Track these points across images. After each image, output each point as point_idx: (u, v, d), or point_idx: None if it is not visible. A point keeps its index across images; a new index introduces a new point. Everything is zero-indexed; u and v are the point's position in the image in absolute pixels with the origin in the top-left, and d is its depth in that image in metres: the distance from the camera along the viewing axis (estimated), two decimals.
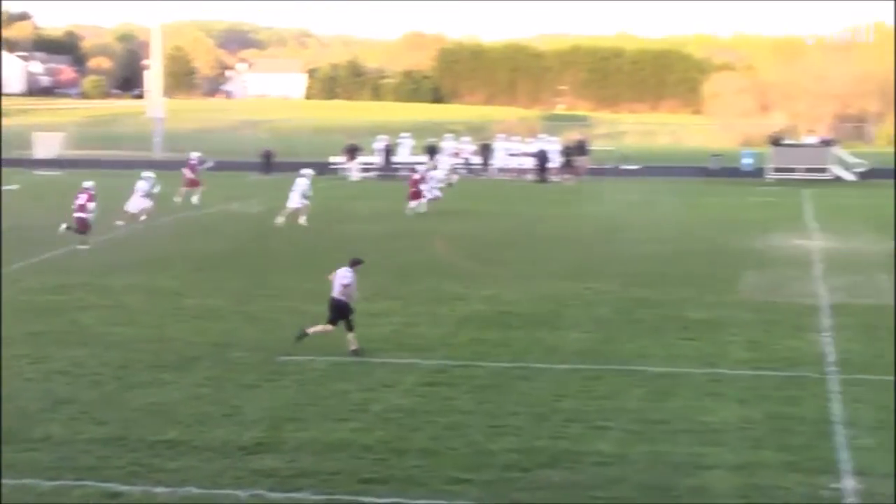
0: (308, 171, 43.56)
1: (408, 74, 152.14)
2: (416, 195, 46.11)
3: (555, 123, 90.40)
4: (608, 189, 56.70)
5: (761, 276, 31.00)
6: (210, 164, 55.20)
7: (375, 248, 35.82)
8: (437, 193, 47.06)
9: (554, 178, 62.59)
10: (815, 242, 37.83)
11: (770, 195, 54.56)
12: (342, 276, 22.06)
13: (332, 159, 67.45)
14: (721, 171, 66.30)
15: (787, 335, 23.78)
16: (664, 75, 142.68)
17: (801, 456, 16.20)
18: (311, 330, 22.32)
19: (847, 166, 63.61)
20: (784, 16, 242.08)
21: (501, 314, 26.05)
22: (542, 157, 62.86)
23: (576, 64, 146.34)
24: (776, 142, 65.70)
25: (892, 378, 20.30)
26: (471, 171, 65.65)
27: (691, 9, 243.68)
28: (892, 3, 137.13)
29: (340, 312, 22.04)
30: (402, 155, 67.03)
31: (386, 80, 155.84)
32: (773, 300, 27.64)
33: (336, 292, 22.08)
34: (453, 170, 60.70)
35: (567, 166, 63.92)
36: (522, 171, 64.51)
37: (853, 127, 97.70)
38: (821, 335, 23.78)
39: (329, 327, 22.23)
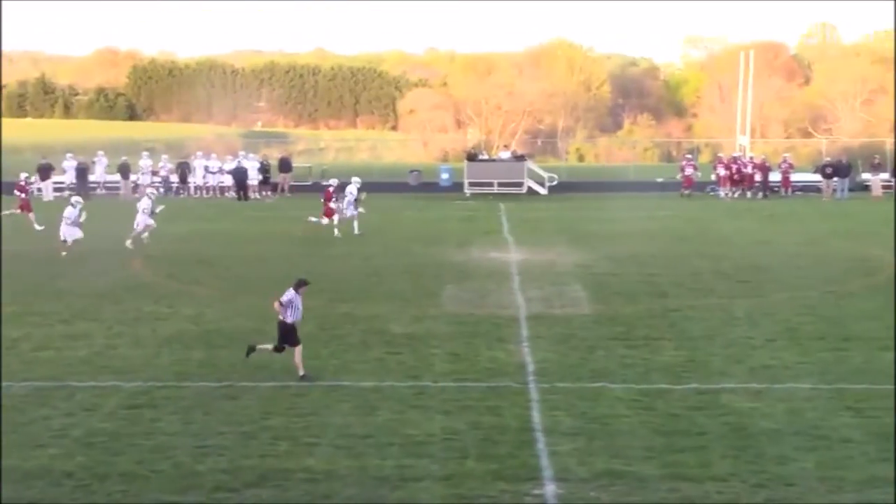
0: (151, 192, 42.78)
1: (101, 91, 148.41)
2: (330, 212, 44.95)
3: (254, 140, 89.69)
4: (309, 206, 56.68)
5: (462, 289, 31.62)
6: None
7: (72, 269, 34.88)
8: (354, 212, 45.44)
9: (255, 196, 62.24)
10: (512, 255, 38.83)
11: (468, 209, 55.67)
12: (283, 297, 21.65)
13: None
14: (420, 186, 67.32)
15: (488, 346, 24.34)
16: (361, 92, 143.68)
17: (505, 464, 16.62)
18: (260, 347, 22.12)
19: (540, 180, 65.54)
20: (475, 33, 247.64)
21: (205, 333, 25.76)
22: (241, 174, 62.41)
23: (273, 80, 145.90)
24: (472, 157, 67.08)
25: (588, 385, 21.09)
26: (169, 189, 64.62)
27: (385, 26, 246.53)
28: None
29: (284, 334, 21.70)
30: (98, 174, 65.38)
31: (79, 98, 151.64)
32: (474, 312, 28.22)
33: (281, 315, 21.69)
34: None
35: (266, 183, 63.70)
36: (222, 190, 63.94)
37: (544, 142, 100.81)
38: (520, 346, 24.44)
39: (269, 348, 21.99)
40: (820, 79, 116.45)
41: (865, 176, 66.86)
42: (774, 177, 65.10)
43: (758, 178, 63.44)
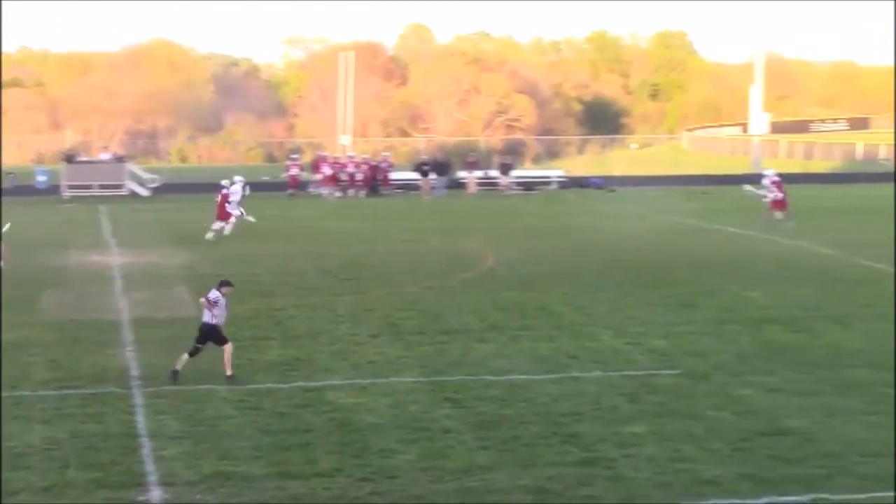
0: None
1: None
2: (225, 215, 43.00)
3: None
4: None
5: (62, 295, 30.71)
6: None
7: None
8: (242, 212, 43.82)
9: None
10: (115, 258, 38.03)
11: (66, 212, 54.15)
12: (210, 295, 21.21)
13: None
14: (15, 190, 64.83)
15: (91, 352, 23.75)
16: None
17: (109, 472, 16.29)
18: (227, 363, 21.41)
19: (142, 182, 64.54)
20: (69, 31, 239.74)
21: None
22: None
23: None
24: (70, 159, 65.30)
25: (194, 388, 20.92)
26: None
27: None
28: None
29: (208, 335, 21.29)
30: None
31: None
32: (75, 318, 27.46)
33: (206, 316, 21.23)
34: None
35: None
36: None
37: (146, 142, 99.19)
38: (123, 350, 23.97)
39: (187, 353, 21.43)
40: (417, 79, 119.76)
41: (461, 174, 69.36)
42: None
43: (359, 177, 64.69)
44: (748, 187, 51.63)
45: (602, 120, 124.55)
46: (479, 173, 69.44)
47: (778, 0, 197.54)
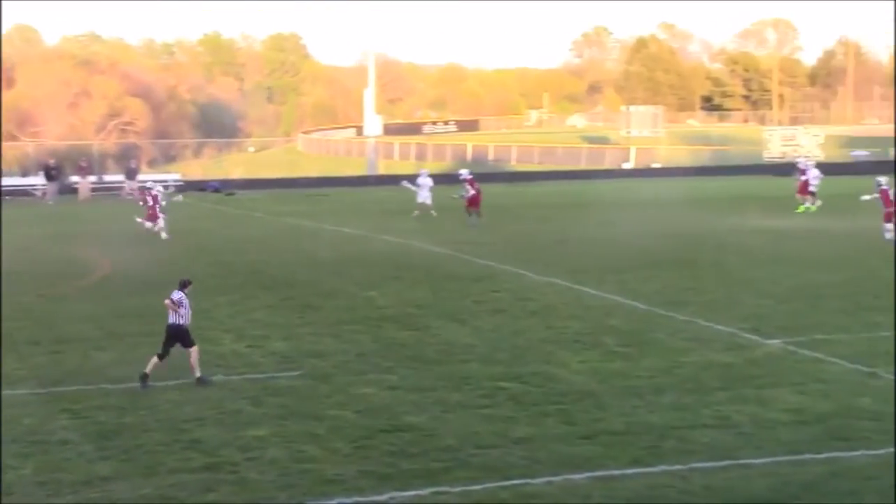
0: None
1: None
2: (154, 216, 43.19)
3: None
4: None
5: None
6: None
7: None
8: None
9: None
10: None
11: None
12: (174, 296, 21.13)
13: None
14: None
15: None
16: None
17: None
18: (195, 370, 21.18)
19: None
20: None
21: None
22: None
23: None
24: None
25: None
26: None
27: None
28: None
29: (176, 337, 21.11)
30: None
31: None
32: None
33: (171, 318, 21.09)
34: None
35: None
36: None
37: None
38: None
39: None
40: (24, 81, 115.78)
41: (74, 178, 67.63)
42: None
43: None
44: (406, 183, 53.46)
45: (218, 123, 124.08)
46: (92, 178, 67.86)
47: (387, 0, 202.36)
